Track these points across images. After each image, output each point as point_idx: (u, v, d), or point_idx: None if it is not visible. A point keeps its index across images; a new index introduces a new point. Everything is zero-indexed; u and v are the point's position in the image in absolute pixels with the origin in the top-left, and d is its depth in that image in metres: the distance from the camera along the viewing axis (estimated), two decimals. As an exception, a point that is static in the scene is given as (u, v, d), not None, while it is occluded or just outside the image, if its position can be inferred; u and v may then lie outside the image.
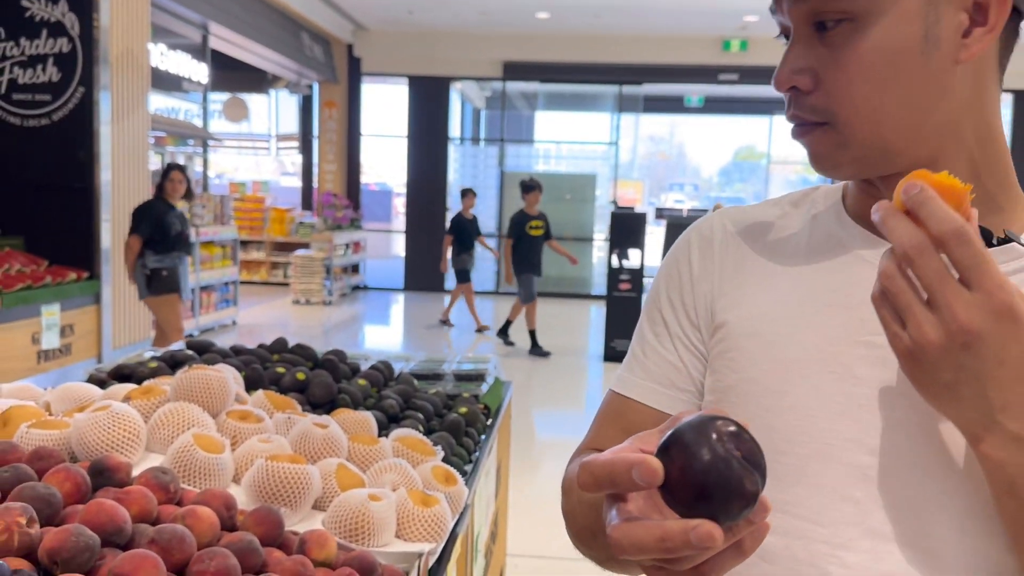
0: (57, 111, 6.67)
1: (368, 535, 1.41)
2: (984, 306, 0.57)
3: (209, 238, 8.99)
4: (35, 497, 1.19)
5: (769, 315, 0.79)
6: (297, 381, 2.04)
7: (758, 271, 0.82)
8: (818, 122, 0.74)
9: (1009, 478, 0.61)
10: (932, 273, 0.58)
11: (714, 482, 0.50)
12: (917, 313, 0.58)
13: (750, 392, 0.78)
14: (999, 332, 0.57)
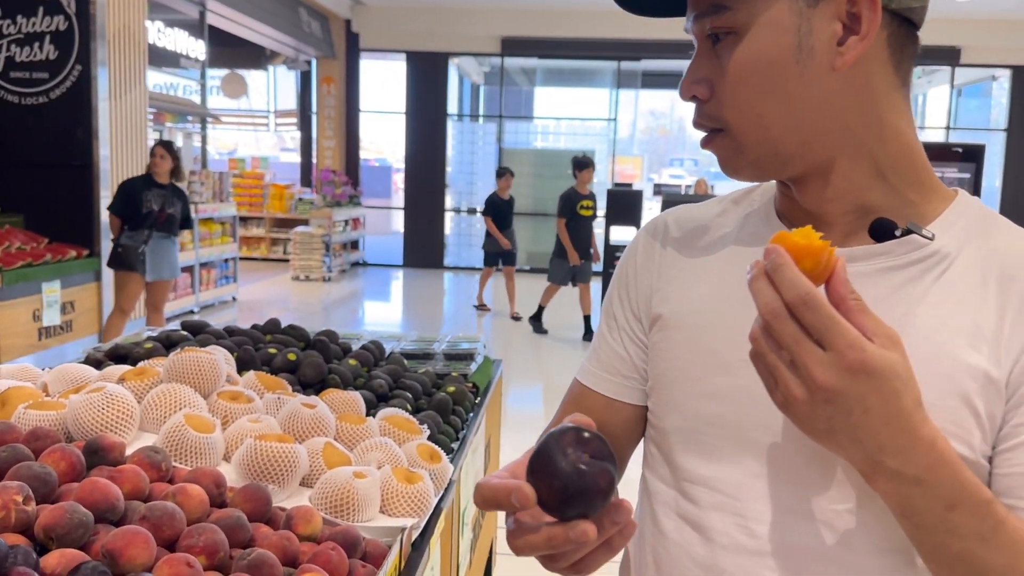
0: (55, 89, 6.69)
1: (353, 511, 1.47)
2: (838, 365, 0.61)
3: (208, 215, 9.03)
4: (31, 476, 1.25)
5: (695, 309, 0.85)
6: (288, 362, 2.09)
7: (691, 267, 0.88)
8: (716, 128, 0.79)
9: (899, 506, 0.67)
10: (788, 337, 0.62)
11: (573, 488, 0.59)
12: (782, 374, 0.63)
13: (676, 379, 0.85)
14: (856, 387, 0.61)
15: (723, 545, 0.80)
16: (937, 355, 0.73)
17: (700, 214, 0.92)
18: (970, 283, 0.76)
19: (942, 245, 0.78)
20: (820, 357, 0.61)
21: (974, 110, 15.00)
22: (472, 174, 14.25)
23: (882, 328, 0.64)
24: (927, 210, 0.80)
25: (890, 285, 0.77)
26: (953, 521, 0.66)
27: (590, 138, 14.38)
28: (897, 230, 0.77)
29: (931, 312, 0.75)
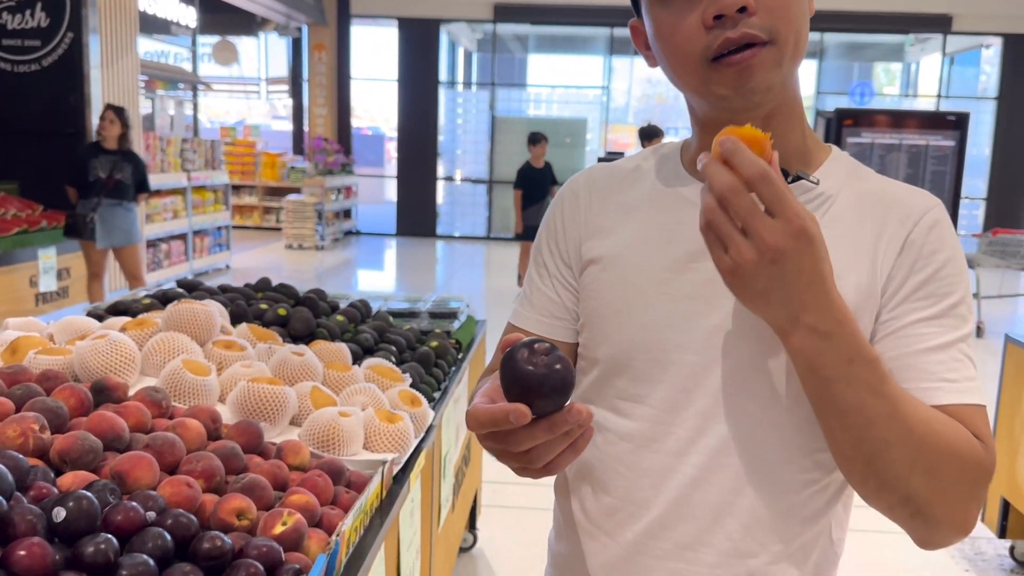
0: (47, 56, 6.74)
1: (338, 446, 1.60)
2: (785, 230, 0.72)
3: (200, 183, 9.10)
4: (45, 409, 1.38)
5: (620, 252, 0.96)
6: (279, 316, 2.22)
7: (615, 214, 0.99)
8: (763, 42, 0.83)
9: (809, 361, 0.78)
10: (743, 208, 0.73)
11: (543, 385, 0.69)
12: (735, 239, 0.73)
13: (606, 315, 0.96)
14: (797, 249, 0.73)
15: (651, 449, 0.93)
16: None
17: (617, 169, 1.03)
18: (850, 217, 0.89)
19: (826, 188, 0.90)
20: (770, 224, 0.72)
21: (966, 78, 15.05)
22: (465, 143, 14.29)
23: (804, 211, 0.74)
24: (815, 157, 0.93)
25: None
26: (852, 373, 0.77)
27: (583, 106, 14.41)
28: (789, 177, 0.87)
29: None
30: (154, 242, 8.26)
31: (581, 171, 1.07)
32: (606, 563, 0.98)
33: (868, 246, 0.88)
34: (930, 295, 0.86)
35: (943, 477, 0.80)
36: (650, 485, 0.94)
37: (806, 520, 0.92)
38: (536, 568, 3.27)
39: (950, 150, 8.53)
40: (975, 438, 0.82)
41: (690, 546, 0.92)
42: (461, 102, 14.52)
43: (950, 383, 0.84)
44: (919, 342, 0.85)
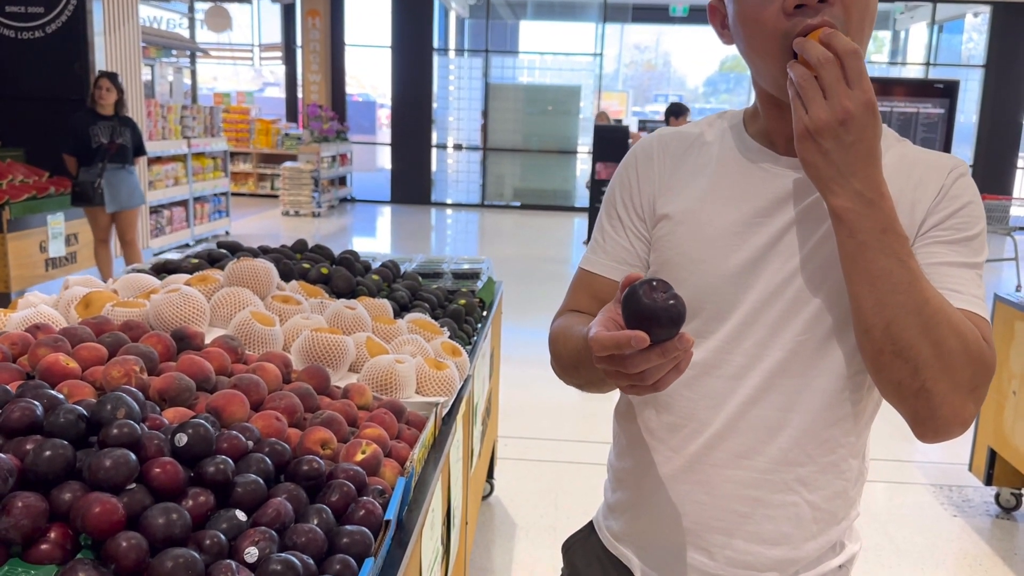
0: (50, 23, 6.77)
1: (395, 389, 1.76)
2: (859, 99, 0.87)
3: (200, 149, 9.15)
4: (140, 353, 1.52)
5: (693, 208, 1.09)
6: (321, 275, 2.36)
7: (685, 175, 1.11)
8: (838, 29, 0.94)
9: (850, 225, 0.91)
10: (832, 76, 0.88)
11: (664, 317, 0.82)
12: (818, 100, 0.88)
13: (681, 263, 1.08)
14: (864, 117, 0.88)
15: (712, 375, 1.07)
16: None
17: (685, 134, 1.15)
18: (892, 171, 1.00)
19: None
20: (849, 91, 0.87)
21: (954, 46, 15.16)
22: (459, 110, 14.33)
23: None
24: None
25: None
26: (885, 241, 0.90)
27: (576, 73, 14.45)
28: None
29: None
30: (156, 208, 8.34)
31: (651, 134, 1.18)
32: (670, 472, 1.11)
33: (908, 194, 1.01)
34: (951, 228, 1.00)
35: (950, 351, 0.90)
36: (710, 405, 1.07)
37: (846, 434, 1.06)
38: (547, 516, 3.47)
39: (939, 117, 8.67)
40: (980, 337, 0.94)
41: (745, 455, 1.07)
42: (454, 69, 14.53)
43: (958, 293, 0.96)
44: (936, 257, 0.98)
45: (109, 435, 1.14)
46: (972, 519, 3.60)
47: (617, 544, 1.22)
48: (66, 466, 1.10)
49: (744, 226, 1.05)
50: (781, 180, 1.05)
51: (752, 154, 1.08)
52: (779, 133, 1.06)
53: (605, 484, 1.29)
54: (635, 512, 1.18)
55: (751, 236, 1.05)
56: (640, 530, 1.18)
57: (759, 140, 1.08)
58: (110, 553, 1.02)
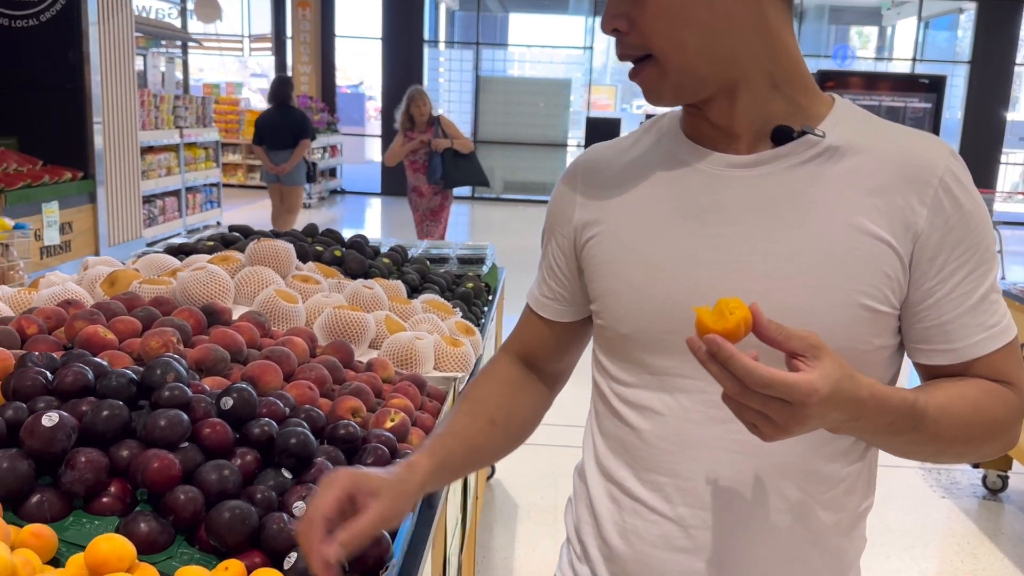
0: (45, 11, 6.75)
1: (415, 364, 1.82)
2: (803, 412, 0.73)
3: (192, 139, 9.15)
4: (175, 326, 1.58)
5: (629, 226, 0.95)
6: (335, 257, 2.42)
7: (616, 191, 0.98)
8: (642, 56, 0.88)
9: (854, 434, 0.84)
10: (757, 404, 0.73)
11: None
12: (761, 423, 0.74)
13: (621, 291, 0.95)
14: (820, 412, 0.74)
15: (693, 420, 0.92)
16: (851, 232, 0.86)
17: (615, 146, 1.02)
18: (865, 170, 0.88)
19: (832, 140, 0.89)
20: (788, 412, 0.73)
21: (940, 42, 15.33)
22: (449, 102, 14.36)
23: (804, 341, 0.74)
24: (815, 112, 0.91)
25: (797, 179, 0.89)
26: (892, 428, 0.82)
27: (566, 67, 14.51)
28: (794, 133, 0.89)
29: (836, 197, 0.87)
30: (149, 198, 8.34)
31: (578, 156, 1.06)
32: (661, 537, 0.96)
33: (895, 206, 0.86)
34: (967, 249, 0.87)
35: (992, 442, 0.90)
36: (694, 458, 0.93)
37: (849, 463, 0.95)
38: (547, 497, 3.54)
39: (926, 112, 8.81)
40: (1010, 389, 0.90)
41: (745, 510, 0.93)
42: (444, 61, 14.54)
43: (992, 328, 0.89)
44: (965, 300, 0.87)
45: (161, 397, 1.20)
46: (960, 500, 3.70)
47: None
48: (123, 425, 1.16)
49: (687, 241, 0.91)
50: (722, 181, 0.92)
51: (688, 156, 0.94)
52: (704, 131, 0.94)
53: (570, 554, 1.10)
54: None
55: (697, 250, 0.91)
56: None
57: (696, 139, 0.95)
58: (168, 505, 1.08)
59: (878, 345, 0.90)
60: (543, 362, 1.13)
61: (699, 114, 0.93)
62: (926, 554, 3.24)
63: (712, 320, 0.74)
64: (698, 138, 0.94)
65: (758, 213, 0.89)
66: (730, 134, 0.91)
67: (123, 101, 7.17)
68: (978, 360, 0.90)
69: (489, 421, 1.06)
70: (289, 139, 7.55)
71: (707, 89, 0.89)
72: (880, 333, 0.89)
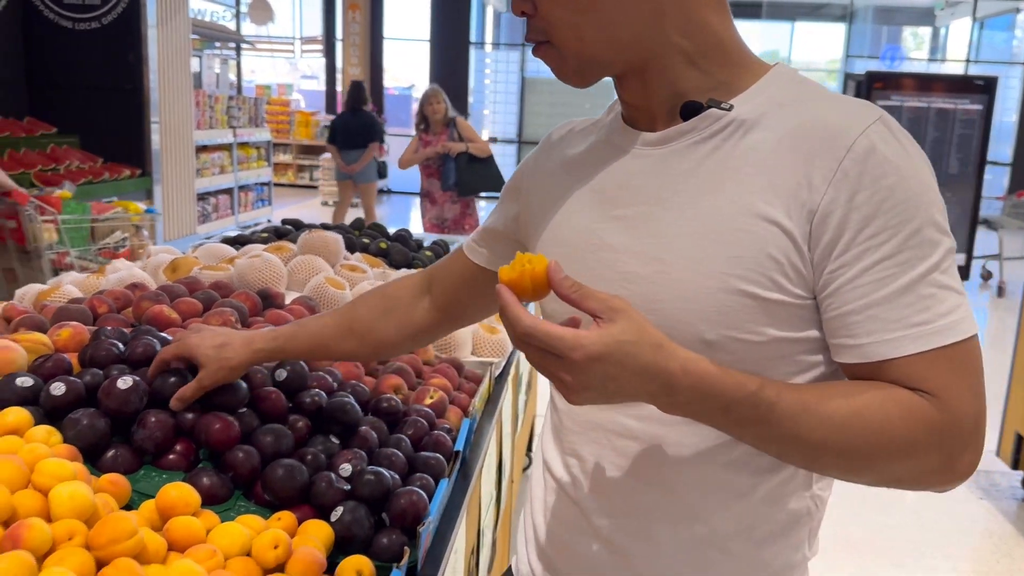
0: (107, 15, 7.02)
1: (453, 348, 1.92)
2: (572, 366, 0.71)
3: (244, 139, 9.41)
4: (233, 308, 1.70)
5: (551, 205, 0.96)
6: (380, 249, 2.54)
7: (556, 169, 0.99)
8: (543, 41, 0.86)
9: (690, 418, 0.77)
10: (534, 356, 0.73)
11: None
12: (549, 374, 0.74)
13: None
14: (594, 371, 0.71)
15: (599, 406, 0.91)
16: (738, 212, 0.80)
17: (581, 124, 1.02)
18: (767, 146, 0.81)
19: (740, 113, 0.83)
20: (559, 364, 0.72)
21: (996, 43, 15.03)
22: (494, 103, 14.49)
23: (606, 303, 0.73)
24: (739, 86, 0.85)
25: (697, 156, 0.84)
26: (733, 417, 0.75)
27: (611, 68, 14.51)
28: (704, 108, 0.84)
29: (732, 175, 0.82)
30: (203, 195, 8.60)
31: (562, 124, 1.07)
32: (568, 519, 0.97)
33: (791, 184, 0.78)
34: (881, 230, 0.75)
35: (890, 463, 0.76)
36: (594, 440, 0.93)
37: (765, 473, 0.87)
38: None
39: (978, 114, 8.67)
40: (930, 402, 0.75)
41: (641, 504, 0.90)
42: (490, 63, 14.68)
43: (917, 326, 0.75)
44: (876, 289, 0.76)
45: (222, 367, 1.32)
46: (998, 502, 3.69)
47: None
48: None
49: (598, 222, 0.90)
50: (634, 160, 0.89)
51: (616, 136, 0.93)
52: (626, 108, 0.93)
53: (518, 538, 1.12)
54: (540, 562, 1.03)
55: (604, 233, 0.89)
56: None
57: (627, 119, 0.93)
58: (228, 463, 1.20)
59: (774, 336, 0.80)
60: (441, 291, 1.14)
61: (617, 91, 0.92)
62: (961, 554, 3.26)
63: (504, 272, 0.75)
64: (628, 119, 0.92)
65: (656, 193, 0.86)
66: (648, 112, 0.89)
67: (179, 101, 7.42)
68: (891, 362, 0.76)
69: (348, 328, 1.17)
70: (360, 141, 7.81)
71: (613, 70, 0.88)
72: (773, 323, 0.80)
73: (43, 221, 4.42)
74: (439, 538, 1.29)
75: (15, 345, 1.37)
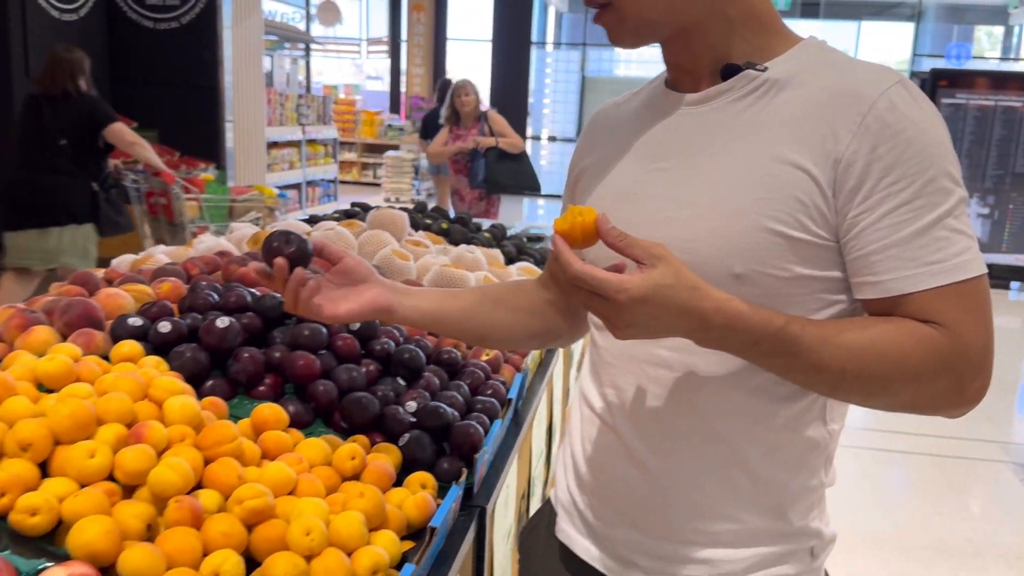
0: (185, 14, 7.37)
1: (510, 316, 2.07)
2: (617, 308, 0.81)
3: (312, 136, 9.73)
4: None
5: (604, 164, 1.06)
6: (442, 229, 2.70)
7: (604, 136, 1.09)
8: (604, 4, 0.95)
9: (721, 351, 0.87)
10: (583, 299, 0.83)
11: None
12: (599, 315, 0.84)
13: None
14: (638, 312, 0.81)
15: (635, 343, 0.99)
16: (769, 159, 0.89)
17: (620, 100, 1.12)
18: (797, 103, 0.90)
19: (773, 75, 0.92)
20: (608, 307, 0.82)
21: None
22: (554, 102, 14.64)
23: (647, 250, 0.82)
24: (774, 52, 0.95)
25: (733, 112, 0.94)
26: (762, 350, 0.85)
27: (672, 68, 14.53)
28: (742, 69, 0.94)
29: (764, 127, 0.91)
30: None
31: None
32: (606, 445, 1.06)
33: (818, 135, 0.87)
34: (900, 178, 0.84)
35: (905, 387, 0.85)
36: (631, 371, 1.01)
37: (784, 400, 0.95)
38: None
39: (1049, 113, 8.48)
40: (941, 333, 0.84)
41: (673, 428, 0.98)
42: (551, 62, 14.82)
43: (931, 264, 0.84)
44: (895, 232, 0.84)
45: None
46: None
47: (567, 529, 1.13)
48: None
49: (643, 174, 1.00)
50: (676, 119, 0.99)
51: (659, 99, 1.03)
52: (670, 72, 1.02)
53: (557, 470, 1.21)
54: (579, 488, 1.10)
55: (646, 185, 0.99)
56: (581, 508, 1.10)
57: (669, 84, 1.03)
58: (310, 394, 1.37)
59: (798, 274, 0.89)
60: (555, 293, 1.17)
61: (663, 55, 1.00)
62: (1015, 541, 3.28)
63: (558, 223, 0.85)
64: (673, 83, 1.02)
65: (694, 146, 0.95)
66: (692, 74, 0.98)
67: (252, 99, 7.74)
68: (907, 297, 0.85)
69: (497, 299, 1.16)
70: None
71: (664, 33, 0.96)
72: (800, 261, 0.89)
73: (186, 199, 5.06)
74: (493, 470, 1.44)
75: (124, 293, 1.56)
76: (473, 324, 1.13)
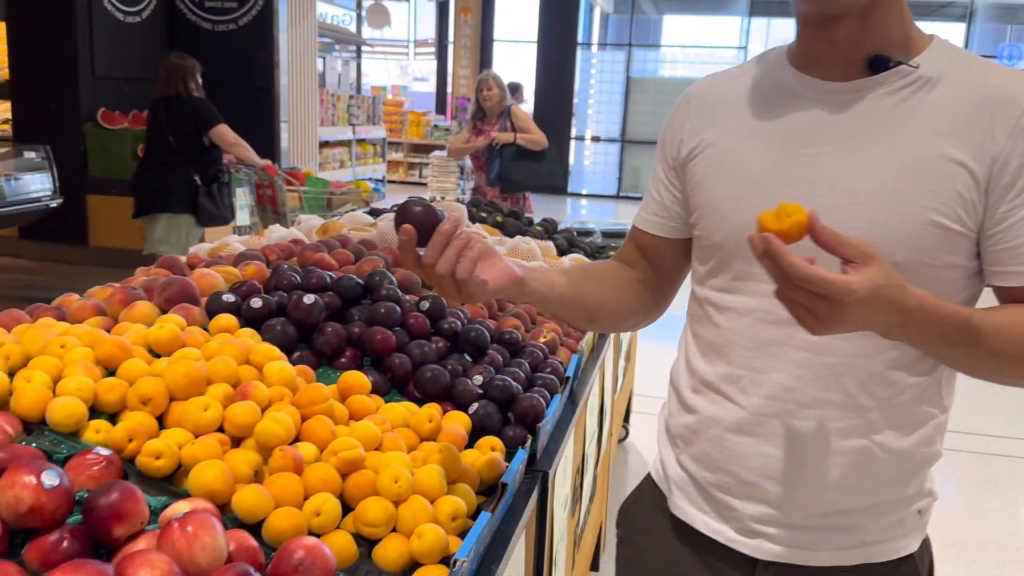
0: (242, 17, 7.61)
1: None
2: (841, 310, 0.82)
3: (362, 136, 9.94)
4: (379, 257, 2.01)
5: (728, 144, 1.05)
6: (496, 222, 2.83)
7: (721, 113, 1.08)
8: None
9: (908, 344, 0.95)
10: (803, 298, 0.82)
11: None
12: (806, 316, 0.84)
13: (721, 203, 1.05)
14: (858, 312, 0.83)
15: (768, 321, 1.02)
16: (932, 154, 0.94)
17: (727, 75, 1.13)
18: (953, 101, 0.95)
19: (925, 72, 0.97)
20: (828, 307, 0.82)
21: None
22: (599, 103, 14.70)
23: (857, 248, 0.83)
24: (915, 45, 1.00)
25: (888, 104, 0.97)
26: (946, 340, 0.91)
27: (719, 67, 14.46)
28: (890, 63, 0.97)
29: (921, 122, 0.95)
30: (323, 188, 9.16)
31: (696, 82, 1.17)
32: (735, 423, 1.07)
33: (977, 134, 0.93)
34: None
35: None
36: (770, 354, 1.03)
37: (915, 374, 1.01)
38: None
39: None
40: None
41: (811, 404, 1.02)
42: (596, 63, 14.88)
43: None
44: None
45: (380, 294, 1.63)
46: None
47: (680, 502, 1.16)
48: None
49: (783, 160, 1.01)
50: (818, 105, 1.00)
51: (790, 82, 1.03)
52: (814, 53, 1.02)
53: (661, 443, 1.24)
54: (698, 466, 1.13)
55: (790, 167, 1.00)
56: (703, 484, 1.12)
57: (799, 67, 1.04)
58: (387, 366, 1.49)
59: (949, 263, 0.96)
60: (641, 271, 1.21)
61: (821, 36, 0.99)
62: (1053, 539, 3.30)
63: (770, 221, 0.83)
64: (801, 67, 1.03)
65: (848, 134, 0.97)
66: (832, 60, 0.99)
67: (305, 99, 7.94)
68: None
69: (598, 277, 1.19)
70: None
71: (861, 3, 0.96)
72: (952, 251, 0.95)
73: (288, 191, 5.54)
74: (552, 441, 1.55)
75: (216, 273, 1.70)
76: (586, 300, 1.14)
